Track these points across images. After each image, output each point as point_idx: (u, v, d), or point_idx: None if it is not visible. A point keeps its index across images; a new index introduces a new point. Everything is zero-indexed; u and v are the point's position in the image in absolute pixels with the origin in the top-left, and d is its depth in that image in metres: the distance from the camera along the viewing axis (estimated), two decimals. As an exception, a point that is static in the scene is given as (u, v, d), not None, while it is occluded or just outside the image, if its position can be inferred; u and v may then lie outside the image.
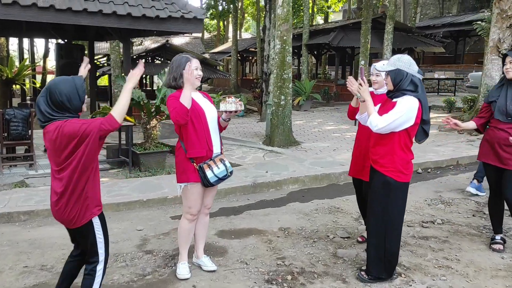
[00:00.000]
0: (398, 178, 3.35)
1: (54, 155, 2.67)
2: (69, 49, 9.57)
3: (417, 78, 3.33)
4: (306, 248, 4.28)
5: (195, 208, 3.61)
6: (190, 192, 3.55)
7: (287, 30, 8.57)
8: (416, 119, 3.28)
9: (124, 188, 6.10)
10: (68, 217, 2.74)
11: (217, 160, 3.50)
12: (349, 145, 9.08)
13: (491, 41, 9.65)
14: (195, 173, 3.46)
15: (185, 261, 3.76)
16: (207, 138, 3.47)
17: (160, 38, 24.66)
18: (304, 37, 19.35)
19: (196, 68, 3.47)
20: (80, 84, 2.69)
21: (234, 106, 3.36)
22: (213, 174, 3.45)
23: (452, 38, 26.73)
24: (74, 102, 2.65)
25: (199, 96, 3.62)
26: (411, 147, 3.43)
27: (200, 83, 3.57)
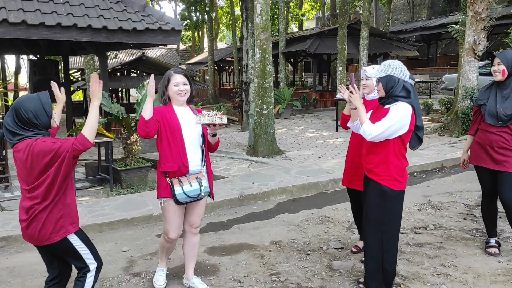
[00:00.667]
0: (394, 186, 3.26)
1: (24, 174, 2.62)
2: (43, 65, 9.29)
3: (409, 84, 3.26)
4: (300, 262, 4.15)
5: (171, 231, 3.44)
6: (165, 209, 3.42)
7: (266, 39, 8.50)
8: (410, 126, 3.21)
9: (106, 207, 5.87)
10: (40, 235, 2.66)
11: (192, 178, 3.34)
12: (333, 152, 9.04)
13: (467, 43, 9.79)
14: (168, 189, 3.32)
15: (163, 268, 3.75)
16: (181, 153, 3.33)
17: (136, 51, 24.39)
18: (280, 45, 19.39)
19: (177, 84, 3.39)
20: (45, 100, 2.67)
21: (209, 119, 3.19)
22: (182, 191, 3.27)
23: (424, 41, 27.27)
24: (41, 118, 2.63)
25: (185, 111, 3.49)
26: (406, 154, 3.35)
27: (184, 98, 3.44)
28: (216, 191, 6.33)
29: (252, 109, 9.34)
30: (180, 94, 3.39)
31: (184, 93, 3.41)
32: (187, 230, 3.62)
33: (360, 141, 3.69)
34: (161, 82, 3.43)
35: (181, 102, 3.44)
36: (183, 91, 3.40)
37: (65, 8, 6.73)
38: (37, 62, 9.52)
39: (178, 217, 3.44)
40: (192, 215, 3.56)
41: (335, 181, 6.71)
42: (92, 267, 2.83)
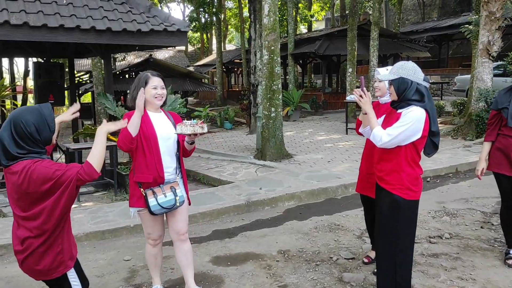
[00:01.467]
0: (407, 196, 3.04)
1: (19, 199, 2.30)
2: (48, 67, 9.19)
3: (423, 87, 3.04)
4: (309, 273, 3.95)
5: (153, 233, 3.41)
6: (143, 218, 3.35)
7: (274, 40, 8.31)
8: (423, 131, 2.98)
9: (110, 213, 5.73)
10: (37, 271, 2.40)
11: (166, 188, 3.23)
12: (343, 155, 8.81)
13: (481, 43, 9.51)
14: (142, 199, 3.22)
15: (157, 285, 3.59)
16: (156, 164, 3.20)
17: (144, 53, 24.35)
18: (289, 47, 19.18)
19: (155, 87, 3.23)
20: (48, 113, 2.34)
21: (191, 129, 3.05)
22: (156, 203, 3.18)
23: (435, 42, 26.88)
24: (43, 133, 2.30)
25: (160, 116, 3.34)
26: (419, 162, 3.13)
27: (161, 102, 3.30)
28: (222, 197, 6.19)
29: (260, 112, 9.15)
30: (158, 98, 3.26)
31: (161, 97, 3.28)
32: (175, 239, 3.48)
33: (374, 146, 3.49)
34: (136, 84, 3.25)
35: (157, 106, 3.31)
36: (160, 95, 3.27)
37: (68, 9, 6.61)
38: (42, 64, 9.43)
39: (157, 222, 3.40)
40: (175, 222, 3.42)
41: (345, 187, 6.49)
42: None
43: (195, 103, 28.84)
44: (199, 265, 4.21)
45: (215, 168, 8.08)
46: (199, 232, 5.20)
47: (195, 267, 4.12)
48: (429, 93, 3.08)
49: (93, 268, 4.30)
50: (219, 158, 8.88)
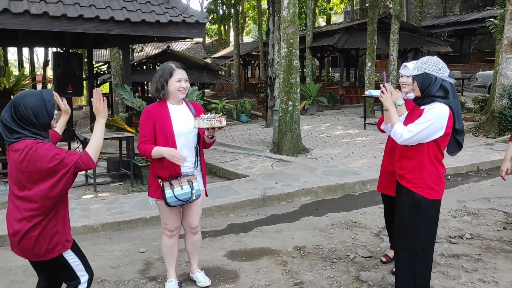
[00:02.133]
0: (429, 195, 2.94)
1: (17, 177, 2.38)
2: (67, 58, 9.24)
3: (448, 83, 2.93)
4: (325, 271, 3.88)
5: (170, 224, 3.40)
6: (160, 208, 3.36)
7: (293, 33, 8.19)
8: (446, 129, 2.87)
9: (126, 204, 5.74)
10: (34, 252, 2.45)
11: (183, 181, 3.23)
12: (360, 151, 8.69)
13: (506, 39, 9.24)
14: (159, 190, 3.24)
15: (172, 278, 3.56)
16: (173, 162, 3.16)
17: (161, 44, 24.39)
18: (307, 40, 18.98)
19: (180, 80, 3.21)
20: (48, 98, 2.42)
21: (208, 123, 3.01)
22: (173, 195, 3.19)
23: (457, 37, 26.32)
24: (41, 118, 2.38)
25: (181, 109, 3.31)
26: (442, 160, 3.03)
27: (183, 95, 3.29)
28: (238, 191, 6.14)
29: (277, 105, 9.07)
30: (181, 91, 3.24)
31: (184, 91, 3.26)
32: (187, 231, 3.57)
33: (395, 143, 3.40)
34: (160, 75, 3.22)
35: (179, 99, 3.29)
36: (184, 88, 3.24)
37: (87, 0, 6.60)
38: (61, 55, 9.48)
39: (174, 213, 3.39)
40: (189, 216, 3.47)
41: (363, 183, 6.39)
42: (83, 279, 2.62)
43: (212, 95, 28.84)
44: (214, 259, 4.19)
45: (231, 161, 8.04)
46: (214, 225, 5.17)
47: (210, 261, 4.12)
48: (454, 89, 2.97)
49: (109, 259, 4.31)
50: (235, 151, 8.83)
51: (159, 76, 3.22)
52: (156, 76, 3.25)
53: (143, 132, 3.20)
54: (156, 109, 3.24)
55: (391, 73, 15.55)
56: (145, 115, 3.23)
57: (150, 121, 3.19)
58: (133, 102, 6.97)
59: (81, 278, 2.60)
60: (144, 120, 3.22)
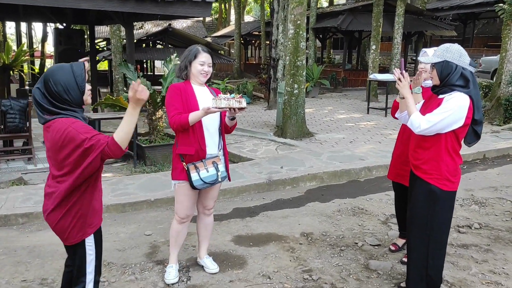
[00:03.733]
0: (445, 187, 2.87)
1: (50, 156, 2.33)
2: (68, 34, 9.06)
3: (469, 72, 2.84)
4: (333, 258, 3.86)
5: (181, 211, 3.35)
6: (179, 191, 3.30)
7: (301, 14, 8.02)
8: (466, 120, 2.80)
9: (130, 186, 5.68)
10: (58, 231, 2.40)
11: (208, 163, 3.22)
12: (365, 136, 8.63)
13: (515, 25, 9.10)
14: (183, 172, 3.22)
15: (173, 264, 3.53)
16: (199, 137, 3.20)
17: (162, 22, 24.03)
18: (311, 21, 18.72)
19: (203, 63, 3.21)
20: (79, 72, 2.29)
21: (226, 103, 2.95)
22: (199, 177, 3.18)
23: (461, 20, 26.02)
24: (72, 93, 2.26)
25: (204, 90, 3.32)
26: (460, 151, 2.96)
27: (205, 79, 3.27)
28: (243, 174, 6.09)
29: (282, 88, 8.95)
30: (203, 74, 3.24)
31: (206, 74, 3.25)
32: (200, 212, 3.55)
33: (410, 132, 3.32)
34: (185, 55, 3.27)
35: (201, 82, 3.28)
36: (206, 72, 3.24)
37: (92, -25, 6.41)
38: (63, 31, 9.29)
39: (191, 199, 3.35)
40: (206, 199, 3.48)
41: (369, 169, 6.35)
42: (88, 279, 2.50)
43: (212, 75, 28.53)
44: (221, 244, 4.15)
45: (234, 143, 7.97)
46: (220, 209, 5.13)
47: (217, 246, 4.09)
48: (474, 79, 2.88)
49: (114, 241, 4.27)
50: (238, 134, 8.75)
51: (185, 57, 3.26)
52: (182, 56, 3.28)
53: (173, 105, 3.16)
54: (182, 86, 3.24)
55: (395, 57, 15.39)
56: (172, 90, 3.22)
57: (178, 95, 3.19)
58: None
59: (87, 277, 2.48)
60: (172, 95, 3.20)
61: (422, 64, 3.46)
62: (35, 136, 8.14)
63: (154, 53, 17.23)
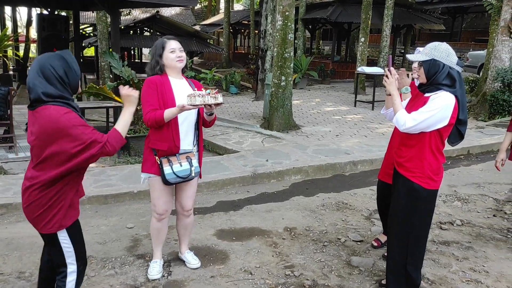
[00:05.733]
0: (427, 185, 2.87)
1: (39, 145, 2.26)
2: (52, 20, 8.86)
3: (456, 71, 2.82)
4: (316, 254, 3.85)
5: (159, 206, 3.28)
6: (152, 186, 3.23)
7: (289, 5, 7.94)
8: (451, 119, 2.79)
9: (113, 177, 5.60)
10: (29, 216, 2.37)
11: (182, 157, 3.16)
12: (351, 130, 8.63)
13: (503, 20, 9.13)
14: (156, 166, 3.15)
15: (157, 259, 3.49)
16: (173, 132, 3.12)
17: (150, 8, 23.68)
18: (300, 11, 18.60)
19: (173, 50, 3.11)
20: (71, 58, 2.32)
21: (201, 100, 2.88)
22: (172, 171, 3.11)
23: (449, 14, 26.13)
24: (71, 76, 2.28)
25: (182, 83, 3.22)
26: (443, 150, 2.95)
27: (182, 64, 3.17)
28: (228, 167, 6.04)
29: (269, 80, 8.88)
30: (179, 60, 3.13)
31: (181, 59, 3.15)
32: (179, 212, 3.49)
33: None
34: (153, 52, 3.19)
35: (179, 69, 3.18)
36: (180, 57, 3.13)
37: (75, -40, 6.25)
38: (47, 17, 9.08)
39: (167, 193, 3.28)
40: (183, 198, 3.39)
41: (354, 163, 6.35)
42: (70, 270, 2.47)
43: (200, 64, 28.33)
44: (203, 238, 4.12)
45: (221, 135, 7.91)
46: (204, 202, 5.09)
47: (200, 240, 4.05)
48: (461, 78, 2.87)
49: (95, 234, 4.21)
50: (224, 125, 8.68)
51: (152, 54, 3.16)
52: (150, 55, 3.19)
53: (149, 101, 3.06)
54: (158, 79, 3.13)
55: (383, 50, 15.40)
56: (148, 85, 3.11)
57: (154, 90, 3.08)
58: (122, 71, 6.72)
59: (69, 268, 2.45)
60: (148, 90, 3.10)
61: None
62: (17, 124, 7.98)
63: (141, 40, 16.97)
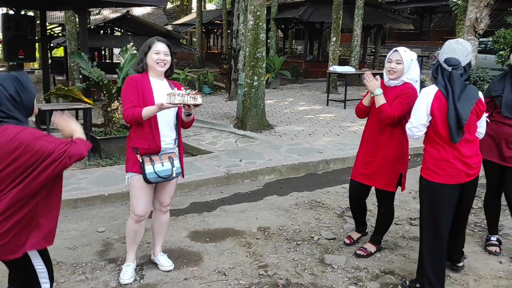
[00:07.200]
0: (428, 177, 3.00)
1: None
2: (18, 20, 8.58)
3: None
4: (289, 253, 3.87)
5: (138, 208, 3.25)
6: (133, 185, 3.22)
7: (260, 5, 7.94)
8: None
9: (83, 180, 5.49)
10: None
11: (164, 157, 3.16)
12: (324, 128, 8.71)
13: (468, 20, 9.38)
14: (138, 165, 3.16)
15: (130, 262, 3.44)
16: (153, 131, 3.13)
17: (120, 8, 23.30)
18: (272, 11, 18.65)
19: (158, 52, 3.13)
20: (26, 79, 2.20)
21: (180, 99, 2.89)
22: (153, 170, 3.12)
23: (418, 14, 26.70)
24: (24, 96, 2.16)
25: (162, 84, 3.24)
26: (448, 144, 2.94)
27: (162, 69, 3.18)
28: (201, 168, 6.01)
29: (242, 80, 8.87)
30: (160, 63, 3.14)
31: (163, 63, 3.16)
32: (156, 208, 3.48)
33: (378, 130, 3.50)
34: (141, 48, 3.23)
35: (159, 72, 3.19)
36: (163, 61, 3.15)
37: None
38: (12, 17, 8.80)
39: (147, 194, 3.26)
40: (162, 195, 3.40)
41: (327, 162, 6.41)
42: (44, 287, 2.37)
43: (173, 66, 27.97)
44: (176, 240, 4.09)
45: (193, 135, 7.85)
46: (177, 204, 5.04)
47: (173, 242, 4.02)
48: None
49: (65, 239, 4.12)
50: (197, 125, 8.62)
51: (141, 50, 3.21)
52: (139, 50, 3.26)
53: (128, 98, 3.08)
54: (138, 78, 3.16)
55: (355, 49, 15.60)
56: (128, 82, 3.13)
57: (134, 87, 3.10)
58: (91, 72, 6.60)
59: (43, 286, 2.34)
60: (128, 87, 3.12)
61: (392, 63, 3.42)
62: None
63: (112, 40, 16.65)
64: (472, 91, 2.95)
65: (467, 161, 2.97)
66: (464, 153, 2.96)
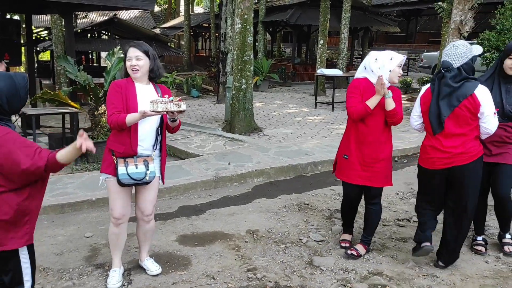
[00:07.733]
0: (420, 160, 3.58)
1: None
2: (3, 24, 8.48)
3: None
4: (278, 256, 3.87)
5: (115, 210, 3.24)
6: (108, 188, 3.22)
7: (248, 8, 7.96)
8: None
9: (70, 185, 5.43)
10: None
11: (139, 160, 3.14)
12: (312, 131, 8.74)
13: (453, 23, 9.49)
14: (111, 166, 3.17)
15: (116, 268, 3.41)
16: (131, 136, 3.12)
17: (107, 11, 23.19)
18: (260, 14, 18.71)
19: (129, 58, 3.10)
20: (23, 84, 2.18)
21: (162, 107, 2.89)
22: (125, 172, 3.10)
23: (404, 17, 26.96)
24: (13, 105, 2.16)
25: (147, 88, 3.22)
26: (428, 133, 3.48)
27: (137, 74, 3.13)
28: (189, 171, 5.99)
29: (230, 83, 8.87)
30: (134, 71, 3.11)
31: (136, 69, 3.11)
32: (139, 217, 3.45)
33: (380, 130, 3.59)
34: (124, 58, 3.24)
35: (134, 78, 3.16)
36: (134, 66, 3.10)
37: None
38: (-4, 20, 8.71)
39: (123, 197, 3.25)
40: (142, 201, 3.36)
41: (315, 164, 6.44)
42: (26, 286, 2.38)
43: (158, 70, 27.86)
44: (165, 244, 4.06)
45: (182, 139, 7.83)
46: (165, 208, 5.02)
47: (161, 247, 4.00)
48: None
49: (51, 245, 4.07)
50: (186, 129, 8.60)
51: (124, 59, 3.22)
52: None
53: (113, 104, 3.07)
54: (124, 84, 3.15)
55: (342, 52, 15.70)
56: (113, 87, 3.13)
57: (118, 93, 3.09)
58: (77, 76, 6.55)
59: (25, 284, 2.35)
60: (112, 92, 3.11)
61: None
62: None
63: (99, 44, 16.57)
64: (465, 89, 3.20)
65: (446, 150, 3.30)
66: (445, 144, 3.31)
